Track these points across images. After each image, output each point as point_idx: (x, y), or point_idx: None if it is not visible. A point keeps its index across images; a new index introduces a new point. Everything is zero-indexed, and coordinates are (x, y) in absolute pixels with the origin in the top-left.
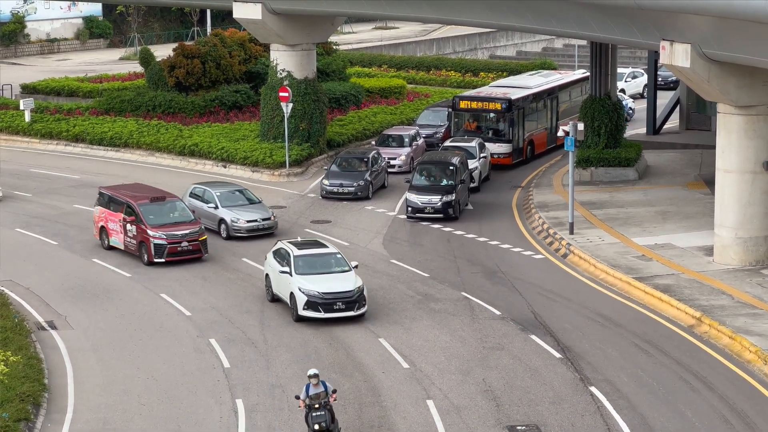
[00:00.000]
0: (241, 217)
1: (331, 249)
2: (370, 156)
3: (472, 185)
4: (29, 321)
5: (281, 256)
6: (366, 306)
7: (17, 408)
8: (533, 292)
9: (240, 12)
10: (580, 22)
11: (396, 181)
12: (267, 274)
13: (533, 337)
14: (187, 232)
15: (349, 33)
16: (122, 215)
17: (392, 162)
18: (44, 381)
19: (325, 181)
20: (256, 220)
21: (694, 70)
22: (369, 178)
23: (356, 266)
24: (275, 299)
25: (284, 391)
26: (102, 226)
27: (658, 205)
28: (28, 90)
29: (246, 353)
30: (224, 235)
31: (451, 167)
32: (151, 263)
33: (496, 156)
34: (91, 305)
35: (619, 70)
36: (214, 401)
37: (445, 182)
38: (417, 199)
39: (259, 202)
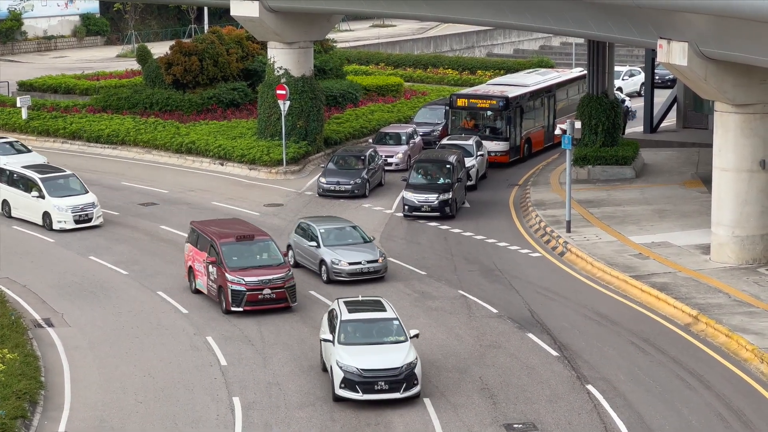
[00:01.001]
0: (342, 259)
1: (389, 313)
2: (367, 154)
3: (469, 183)
4: (26, 318)
5: (331, 318)
6: (418, 386)
7: (14, 405)
8: (530, 290)
9: (237, 9)
10: (578, 20)
11: (393, 179)
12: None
13: (530, 335)
14: (270, 277)
15: (346, 31)
16: (206, 255)
17: (389, 160)
18: (41, 378)
19: (322, 179)
20: (359, 263)
21: (692, 68)
22: (366, 176)
23: (416, 335)
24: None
25: (281, 389)
26: (190, 266)
27: (655, 204)
28: (25, 87)
29: (243, 351)
30: (324, 278)
31: (447, 166)
32: (228, 312)
33: (493, 154)
34: (88, 303)
35: (617, 68)
36: (211, 399)
37: (442, 181)
38: (414, 197)
39: (369, 241)
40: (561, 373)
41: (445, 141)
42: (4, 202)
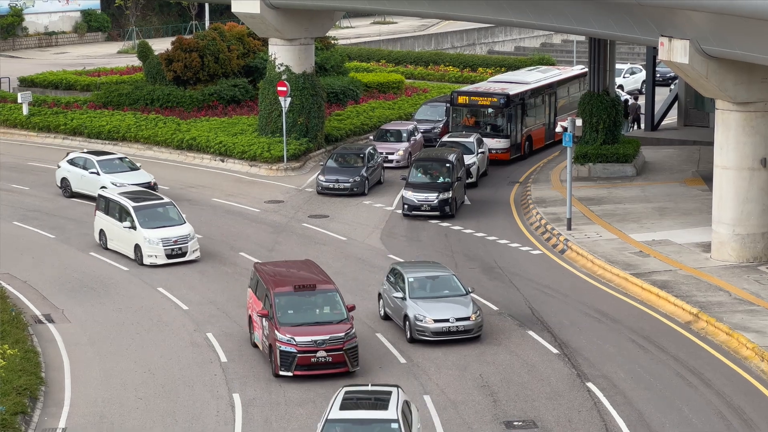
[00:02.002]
0: (427, 314)
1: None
2: (367, 152)
3: (470, 180)
4: (26, 314)
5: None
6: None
7: (14, 401)
8: (531, 287)
9: (238, 6)
10: (579, 17)
11: (394, 176)
12: None
13: (530, 332)
14: (327, 337)
15: (347, 28)
16: (262, 305)
17: (390, 157)
18: (41, 374)
19: (321, 177)
20: (447, 320)
21: (693, 66)
22: (365, 174)
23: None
24: None
25: (281, 386)
26: (249, 316)
27: (655, 202)
28: (26, 83)
29: (243, 347)
30: (407, 335)
31: (447, 164)
32: (276, 376)
33: (494, 151)
34: (89, 299)
35: (618, 66)
36: (211, 395)
37: (441, 180)
38: (413, 196)
39: (468, 292)
40: (561, 370)
41: (445, 138)
42: (101, 232)
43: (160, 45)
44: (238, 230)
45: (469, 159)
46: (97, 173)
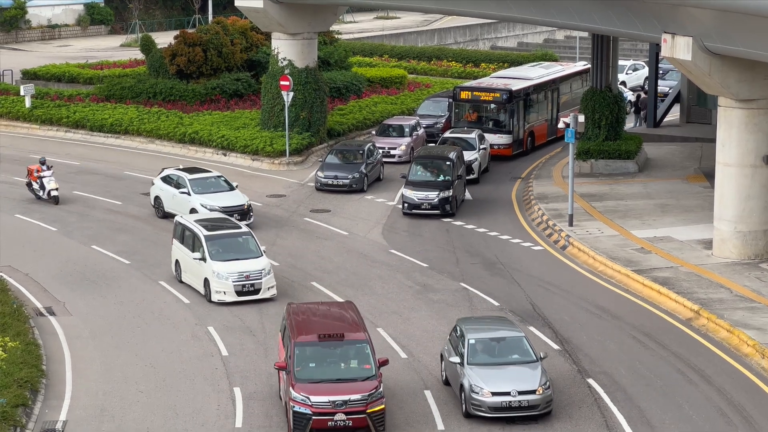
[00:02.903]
0: (485, 386)
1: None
2: (366, 148)
3: (471, 177)
4: (28, 307)
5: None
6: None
7: (15, 393)
8: (532, 283)
9: (242, 0)
10: (582, 13)
11: (396, 171)
12: None
13: (531, 328)
14: (347, 398)
15: (350, 22)
16: (285, 355)
17: (392, 152)
18: (42, 367)
19: (320, 173)
20: (507, 393)
21: (696, 63)
22: (364, 171)
23: (544, 357)
24: None
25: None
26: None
27: (657, 198)
28: (29, 76)
29: (244, 341)
30: (463, 409)
31: (448, 162)
32: None
33: (496, 147)
34: (90, 292)
35: (620, 62)
36: (212, 389)
37: (442, 178)
38: (413, 194)
39: (540, 359)
40: (562, 366)
41: (447, 134)
42: (176, 263)
43: (164, 38)
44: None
45: (470, 155)
46: (188, 193)
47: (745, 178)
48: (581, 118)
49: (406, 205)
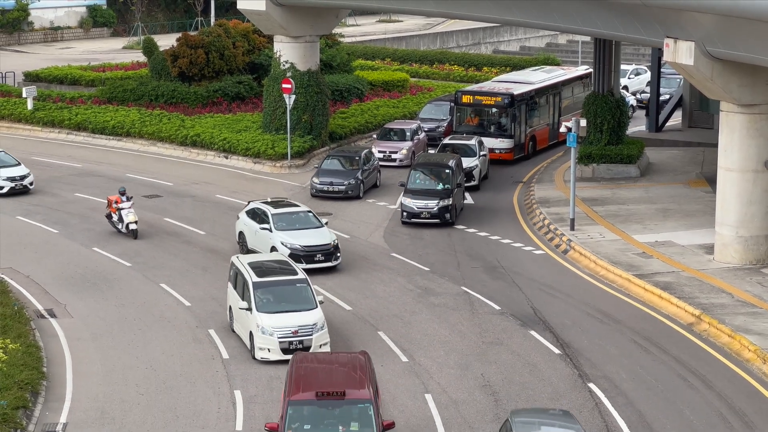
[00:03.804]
0: None
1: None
2: (362, 154)
3: (472, 184)
4: (29, 309)
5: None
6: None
7: (15, 396)
8: (533, 287)
9: (244, 3)
10: (584, 18)
11: (397, 175)
12: None
13: (532, 332)
14: None
15: (353, 26)
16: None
17: (393, 156)
18: (43, 369)
19: (315, 179)
20: None
21: (698, 68)
22: (360, 177)
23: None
24: None
25: (282, 383)
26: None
27: (659, 203)
28: (31, 78)
29: (245, 344)
30: None
31: (447, 170)
32: None
33: (497, 151)
34: (91, 294)
35: (623, 66)
36: (213, 392)
37: (441, 186)
38: (413, 203)
39: None
40: (563, 370)
41: (446, 141)
42: (230, 309)
43: (166, 41)
44: None
45: (471, 162)
46: (270, 230)
47: (746, 183)
48: (583, 122)
49: (405, 213)
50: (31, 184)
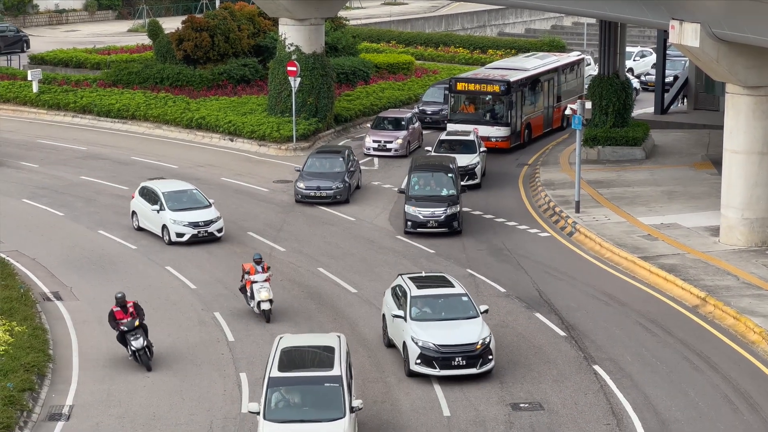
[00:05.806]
0: None
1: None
2: (346, 154)
3: (474, 182)
4: (35, 291)
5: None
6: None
7: (22, 378)
8: (538, 270)
9: None
10: None
11: (392, 164)
12: None
13: (538, 314)
14: None
15: (358, 8)
16: None
17: (389, 146)
18: (49, 351)
19: (300, 184)
20: None
21: (703, 49)
22: (348, 180)
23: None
24: None
25: None
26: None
27: (664, 185)
28: (36, 61)
29: (250, 327)
30: None
31: (450, 174)
32: None
33: (494, 139)
34: (97, 277)
35: (628, 48)
36: (218, 374)
37: (446, 192)
38: (418, 211)
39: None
40: (568, 353)
41: (443, 137)
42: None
43: (171, 24)
44: (247, 210)
45: (472, 159)
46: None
47: (752, 165)
48: (588, 105)
49: (409, 223)
50: (219, 231)
